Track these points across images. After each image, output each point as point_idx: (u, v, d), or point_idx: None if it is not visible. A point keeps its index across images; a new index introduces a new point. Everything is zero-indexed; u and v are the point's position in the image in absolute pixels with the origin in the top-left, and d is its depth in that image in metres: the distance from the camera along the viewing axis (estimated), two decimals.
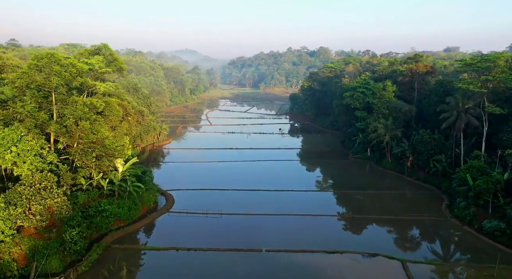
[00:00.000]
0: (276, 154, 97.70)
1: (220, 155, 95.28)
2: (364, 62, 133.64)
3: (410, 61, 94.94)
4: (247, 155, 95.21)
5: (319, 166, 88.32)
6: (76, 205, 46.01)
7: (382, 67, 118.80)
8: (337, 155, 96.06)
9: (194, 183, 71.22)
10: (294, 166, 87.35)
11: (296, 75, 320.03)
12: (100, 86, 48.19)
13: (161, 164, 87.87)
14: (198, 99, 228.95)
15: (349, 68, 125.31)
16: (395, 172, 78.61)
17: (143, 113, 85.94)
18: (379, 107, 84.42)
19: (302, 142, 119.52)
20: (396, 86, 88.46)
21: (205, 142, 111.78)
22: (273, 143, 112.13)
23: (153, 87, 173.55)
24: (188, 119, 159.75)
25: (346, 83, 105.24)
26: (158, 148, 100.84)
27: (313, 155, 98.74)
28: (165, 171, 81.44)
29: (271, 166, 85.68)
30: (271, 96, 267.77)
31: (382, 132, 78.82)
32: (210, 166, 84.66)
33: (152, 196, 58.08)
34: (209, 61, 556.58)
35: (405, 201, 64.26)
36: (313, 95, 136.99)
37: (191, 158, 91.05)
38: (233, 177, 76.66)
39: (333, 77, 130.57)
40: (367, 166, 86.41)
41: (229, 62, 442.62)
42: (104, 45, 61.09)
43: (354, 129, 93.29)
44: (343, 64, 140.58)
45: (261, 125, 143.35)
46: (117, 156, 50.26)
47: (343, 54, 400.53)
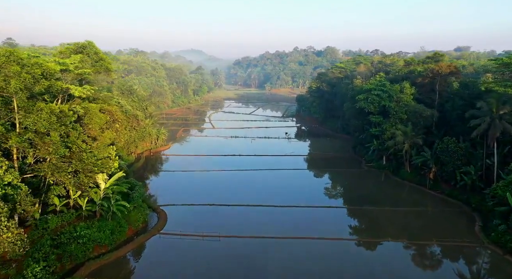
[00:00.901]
0: (282, 161, 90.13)
1: (221, 163, 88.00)
2: (375, 62, 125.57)
3: (429, 60, 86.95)
4: (251, 163, 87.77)
5: (330, 175, 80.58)
6: (46, 230, 38.91)
7: (396, 68, 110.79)
8: (349, 163, 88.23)
9: (191, 196, 63.96)
10: (302, 176, 79.63)
11: (302, 76, 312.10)
12: (75, 90, 41.09)
13: (156, 173, 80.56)
14: (201, 100, 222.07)
15: (360, 69, 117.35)
16: (415, 184, 70.66)
17: (138, 117, 78.87)
18: (396, 112, 76.48)
19: (310, 147, 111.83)
20: (415, 88, 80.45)
21: (207, 147, 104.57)
22: (279, 148, 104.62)
23: (154, 88, 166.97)
24: (190, 121, 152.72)
25: (358, 84, 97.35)
26: (155, 154, 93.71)
27: (322, 162, 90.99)
28: (159, 182, 74.20)
29: (276, 176, 78.03)
30: (277, 97, 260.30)
31: (400, 139, 70.90)
32: (210, 176, 77.29)
33: (141, 215, 50.80)
34: (214, 61, 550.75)
35: (429, 220, 56.25)
36: (322, 97, 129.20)
37: (189, 166, 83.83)
38: (234, 189, 69.24)
39: (343, 78, 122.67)
40: (382, 176, 78.53)
41: (234, 62, 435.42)
42: (89, 42, 54.06)
43: (368, 135, 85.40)
44: (353, 64, 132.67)
45: (266, 128, 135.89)
46: (98, 171, 43.11)
47: (351, 54, 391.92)
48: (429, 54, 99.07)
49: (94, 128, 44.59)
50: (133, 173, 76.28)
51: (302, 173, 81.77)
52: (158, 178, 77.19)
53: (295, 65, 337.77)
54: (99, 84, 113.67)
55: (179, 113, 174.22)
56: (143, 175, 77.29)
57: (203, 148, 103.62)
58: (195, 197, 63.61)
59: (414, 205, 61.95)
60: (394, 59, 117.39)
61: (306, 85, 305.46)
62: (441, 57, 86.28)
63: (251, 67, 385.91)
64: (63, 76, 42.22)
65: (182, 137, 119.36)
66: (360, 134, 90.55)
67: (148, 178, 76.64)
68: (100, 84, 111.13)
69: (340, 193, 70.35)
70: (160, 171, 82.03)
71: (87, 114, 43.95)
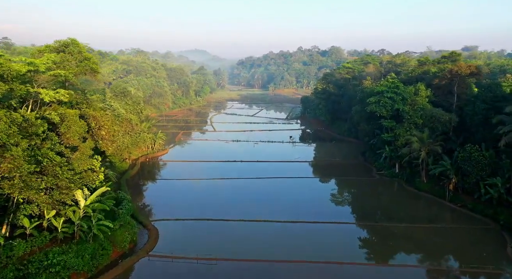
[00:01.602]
0: (286, 168, 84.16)
1: (221, 169, 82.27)
2: (385, 62, 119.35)
3: (445, 60, 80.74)
4: (253, 170, 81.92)
5: (338, 185, 74.56)
6: (11, 259, 33.27)
7: (407, 68, 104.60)
8: (358, 170, 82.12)
9: (186, 209, 58.27)
10: (308, 185, 73.53)
11: (307, 76, 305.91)
12: (45, 95, 35.46)
13: (151, 181, 74.79)
14: (203, 101, 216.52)
15: (369, 69, 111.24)
16: (432, 195, 64.50)
17: (131, 122, 73.29)
18: (411, 116, 70.36)
19: (315, 152, 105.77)
20: (430, 90, 74.32)
21: (207, 152, 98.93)
22: (283, 153, 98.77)
23: (154, 89, 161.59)
24: (190, 124, 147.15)
25: (368, 86, 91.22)
26: (151, 160, 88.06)
27: (330, 169, 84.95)
28: (154, 192, 68.44)
29: (281, 185, 72.06)
30: (280, 98, 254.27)
31: (416, 147, 64.78)
32: (208, 185, 71.50)
33: (128, 234, 45.08)
34: (218, 61, 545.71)
35: (452, 240, 50.10)
36: (328, 98, 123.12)
37: (187, 174, 78.15)
38: (234, 201, 63.39)
39: (351, 79, 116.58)
40: (395, 185, 72.51)
41: (238, 62, 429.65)
42: (72, 40, 48.46)
43: (379, 141, 79.29)
44: (361, 64, 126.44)
45: (269, 131, 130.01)
46: (76, 187, 37.48)
47: (356, 54, 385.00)
48: (444, 53, 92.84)
49: (72, 138, 38.98)
50: (126, 182, 70.84)
51: (308, 182, 75.69)
52: (152, 187, 71.48)
53: (299, 65, 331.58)
54: (94, 86, 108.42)
55: (180, 115, 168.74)
56: (137, 183, 71.74)
57: (203, 153, 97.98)
58: (191, 209, 57.92)
59: (433, 220, 55.85)
60: (404, 59, 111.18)
61: (310, 86, 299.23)
62: (458, 56, 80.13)
63: (255, 68, 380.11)
64: (35, 78, 36.63)
65: (182, 141, 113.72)
66: (370, 140, 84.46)
67: (142, 187, 71.01)
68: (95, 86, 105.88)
69: (351, 205, 64.24)
70: (155, 179, 76.28)
71: (64, 121, 38.36)
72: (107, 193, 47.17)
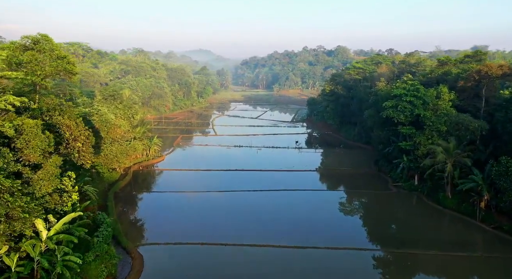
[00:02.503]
0: (292, 178, 76.64)
1: (222, 179, 75.00)
2: (397, 62, 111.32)
3: (468, 60, 72.78)
4: (256, 180, 74.49)
5: (350, 199, 66.85)
6: None
7: (423, 68, 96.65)
8: (372, 181, 74.32)
9: (179, 229, 50.99)
10: (317, 200, 65.81)
11: (312, 76, 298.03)
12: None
13: (142, 194, 67.43)
14: (206, 102, 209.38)
15: (381, 70, 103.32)
16: (459, 214, 56.63)
17: (121, 128, 66.07)
18: (433, 123, 62.49)
19: (323, 159, 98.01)
20: (454, 93, 66.45)
21: (206, 159, 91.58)
22: (288, 161, 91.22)
23: (153, 90, 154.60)
24: (191, 127, 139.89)
25: (382, 88, 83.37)
26: (145, 169, 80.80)
27: (339, 180, 77.31)
28: (144, 208, 60.97)
29: (286, 199, 64.40)
30: (285, 99, 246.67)
31: (442, 158, 56.90)
32: (205, 199, 64.10)
33: (105, 267, 37.74)
34: (222, 61, 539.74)
35: (491, 275, 42.32)
36: (336, 101, 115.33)
37: (183, 185, 70.91)
38: (234, 219, 55.83)
39: (361, 80, 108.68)
40: (413, 200, 64.80)
41: (242, 62, 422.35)
42: (43, 36, 41.28)
43: (396, 149, 71.47)
44: (371, 64, 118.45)
45: (274, 135, 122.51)
46: (33, 217, 30.22)
47: (362, 54, 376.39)
48: (468, 52, 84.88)
49: (32, 154, 31.81)
50: (115, 195, 63.63)
51: (316, 196, 67.90)
52: (143, 201, 64.19)
53: (304, 65, 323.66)
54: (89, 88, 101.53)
55: (180, 117, 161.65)
56: (127, 197, 64.48)
57: (202, 160, 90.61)
58: (184, 230, 50.63)
59: (465, 245, 47.95)
60: (419, 59, 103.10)
61: (316, 86, 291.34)
62: (484, 56, 72.26)
63: (259, 68, 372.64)
64: None
65: (180, 146, 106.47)
66: (385, 147, 76.60)
67: (132, 201, 63.78)
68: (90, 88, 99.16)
69: (367, 225, 56.34)
70: (148, 191, 68.94)
71: (22, 134, 31.22)
72: (84, 215, 39.92)
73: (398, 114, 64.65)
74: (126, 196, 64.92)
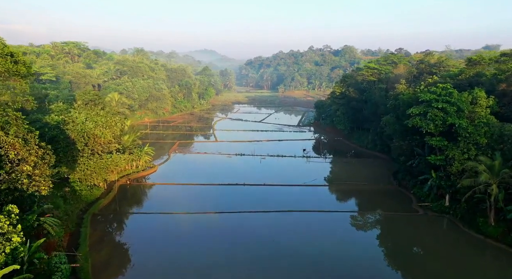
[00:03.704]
0: (299, 194, 66.90)
1: (219, 196, 65.47)
2: (416, 61, 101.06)
3: (506, 59, 62.52)
4: (259, 197, 64.96)
5: (370, 224, 56.74)
6: None
7: (447, 68, 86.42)
8: (393, 200, 64.21)
9: (162, 270, 41.33)
10: (329, 225, 55.57)
11: (319, 77, 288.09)
12: None
13: (126, 217, 57.60)
14: (207, 104, 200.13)
15: (399, 70, 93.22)
16: (505, 246, 46.57)
17: (101, 139, 56.61)
18: (470, 134, 52.41)
19: (334, 169, 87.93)
20: (493, 98, 56.31)
21: (204, 170, 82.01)
22: (295, 172, 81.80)
23: (151, 91, 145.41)
24: (190, 131, 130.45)
25: (403, 91, 73.34)
26: (132, 183, 71.29)
27: (355, 197, 67.40)
28: (125, 236, 50.87)
29: (293, 224, 54.42)
30: (291, 101, 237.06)
31: (485, 178, 46.81)
32: (198, 223, 54.36)
33: None
34: (226, 61, 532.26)
35: None
36: (348, 104, 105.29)
37: (174, 203, 61.37)
38: (234, 256, 46.03)
39: (376, 81, 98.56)
40: (444, 224, 54.81)
41: (246, 62, 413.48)
42: None
43: (422, 163, 61.37)
44: (386, 64, 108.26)
45: (279, 142, 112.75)
46: None
47: (370, 53, 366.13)
48: (505, 50, 74.60)
49: None
50: (92, 218, 54.20)
51: (329, 219, 57.78)
52: (127, 226, 54.42)
53: (310, 65, 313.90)
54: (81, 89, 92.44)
55: (179, 120, 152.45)
56: (106, 220, 55.05)
57: (199, 171, 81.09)
58: (168, 272, 40.96)
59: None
60: (441, 58, 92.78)
61: (322, 87, 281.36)
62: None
63: (264, 68, 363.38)
64: None
65: (176, 154, 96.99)
66: (408, 160, 66.50)
67: (112, 225, 54.27)
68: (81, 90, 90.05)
69: (395, 261, 46.29)
70: (133, 212, 59.30)
71: None
72: (36, 259, 30.48)
73: (427, 124, 54.53)
74: (107, 219, 55.49)
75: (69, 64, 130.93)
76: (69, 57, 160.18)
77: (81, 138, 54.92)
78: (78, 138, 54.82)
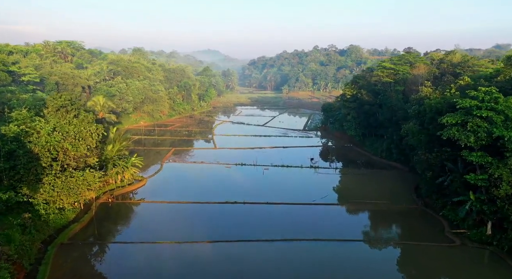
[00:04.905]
0: (311, 215, 57.17)
1: (214, 218, 55.85)
2: (436, 61, 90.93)
3: None
4: (263, 219, 55.33)
5: (396, 257, 46.89)
6: None
7: (475, 68, 76.35)
8: (419, 224, 54.17)
9: None
10: (347, 256, 45.96)
11: (324, 77, 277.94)
12: None
13: (101, 249, 48.04)
14: (208, 106, 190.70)
15: (418, 70, 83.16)
16: None
17: (71, 152, 47.11)
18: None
19: (346, 183, 77.82)
20: None
21: (199, 184, 72.53)
22: (303, 185, 72.41)
23: (147, 93, 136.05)
24: (188, 137, 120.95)
25: (428, 94, 63.38)
26: (115, 201, 61.69)
27: (374, 219, 57.53)
28: (99, 278, 41.70)
29: (306, 257, 44.74)
30: (295, 102, 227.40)
31: None
32: (188, 258, 44.65)
33: None
34: (229, 61, 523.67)
35: None
36: (360, 108, 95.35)
37: (161, 228, 51.78)
38: None
39: (392, 83, 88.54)
40: (485, 258, 44.99)
41: (249, 62, 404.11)
42: None
43: (456, 182, 51.36)
44: (403, 64, 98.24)
45: (284, 149, 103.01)
46: None
47: (376, 53, 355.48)
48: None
49: None
50: (60, 248, 44.76)
51: (349, 250, 47.88)
52: (102, 262, 44.85)
53: (315, 65, 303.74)
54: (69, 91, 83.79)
55: (178, 123, 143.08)
56: (78, 251, 45.43)
57: (193, 186, 71.54)
58: None
59: None
60: (466, 57, 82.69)
61: (328, 88, 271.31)
62: None
63: (267, 68, 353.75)
64: None
65: (170, 163, 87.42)
66: (437, 176, 56.52)
67: (83, 259, 44.61)
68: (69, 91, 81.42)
69: None
70: (109, 242, 49.59)
71: None
72: None
73: (467, 136, 44.58)
74: (78, 250, 45.86)
75: (57, 64, 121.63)
76: (61, 56, 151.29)
77: (46, 153, 45.46)
78: (43, 153, 45.38)
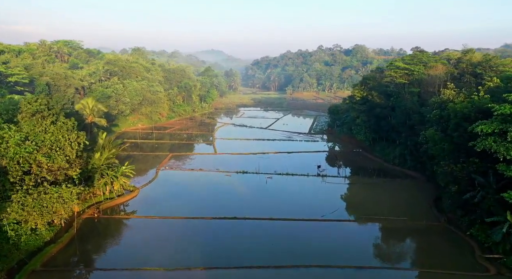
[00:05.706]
0: (318, 232, 50.64)
1: (212, 238, 49.38)
2: (454, 60, 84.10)
3: None
4: (267, 239, 48.78)
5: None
6: None
7: (499, 68, 69.57)
8: (446, 247, 47.45)
9: None
10: None
11: (329, 77, 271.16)
12: None
13: (79, 276, 41.77)
14: (210, 108, 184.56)
15: (436, 71, 76.36)
16: None
17: (46, 164, 40.91)
18: None
19: (357, 193, 71.24)
20: None
21: (196, 195, 66.22)
22: (310, 197, 66.09)
23: (145, 94, 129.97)
24: (187, 140, 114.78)
25: (451, 97, 56.70)
26: (101, 216, 55.40)
27: (392, 239, 51.00)
28: None
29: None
30: (299, 104, 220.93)
31: None
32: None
33: None
34: (232, 61, 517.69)
35: None
36: (370, 111, 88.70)
37: (151, 251, 45.38)
38: None
39: (407, 84, 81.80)
40: None
41: (253, 62, 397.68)
42: None
43: (489, 200, 44.64)
44: (418, 63, 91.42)
45: (288, 154, 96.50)
46: None
47: (382, 53, 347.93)
48: None
49: None
50: (31, 276, 38.54)
51: None
52: None
53: (320, 65, 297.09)
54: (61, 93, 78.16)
55: (177, 126, 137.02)
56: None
57: (190, 197, 65.26)
58: None
59: None
60: (488, 56, 75.78)
61: (333, 89, 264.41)
62: None
63: (271, 68, 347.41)
64: None
65: (166, 170, 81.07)
66: (465, 191, 49.78)
67: None
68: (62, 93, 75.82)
69: None
70: (89, 269, 43.23)
71: None
72: None
73: (507, 148, 37.91)
74: None
75: (50, 64, 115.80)
76: (57, 56, 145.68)
77: (15, 166, 39.24)
78: (12, 166, 39.17)
